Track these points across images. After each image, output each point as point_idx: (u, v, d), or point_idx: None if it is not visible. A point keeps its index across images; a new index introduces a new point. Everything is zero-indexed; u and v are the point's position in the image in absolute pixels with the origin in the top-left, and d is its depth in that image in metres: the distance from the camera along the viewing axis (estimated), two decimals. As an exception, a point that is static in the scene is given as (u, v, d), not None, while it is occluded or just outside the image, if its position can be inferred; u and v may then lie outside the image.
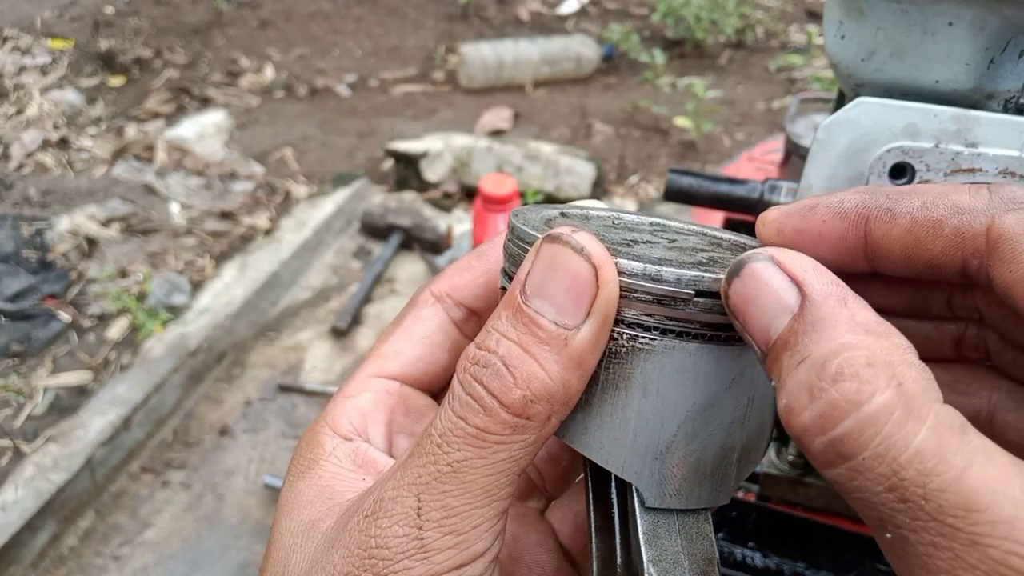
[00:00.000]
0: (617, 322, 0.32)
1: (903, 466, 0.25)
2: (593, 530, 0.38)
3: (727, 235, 0.41)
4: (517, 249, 0.36)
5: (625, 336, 0.32)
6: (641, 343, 0.32)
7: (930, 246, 0.32)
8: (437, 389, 0.43)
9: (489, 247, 0.43)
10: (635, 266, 0.32)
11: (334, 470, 0.38)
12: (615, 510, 0.37)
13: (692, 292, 0.31)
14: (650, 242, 0.38)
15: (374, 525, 0.32)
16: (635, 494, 0.35)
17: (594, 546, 0.38)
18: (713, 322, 0.32)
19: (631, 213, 0.44)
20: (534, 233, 0.34)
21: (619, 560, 0.37)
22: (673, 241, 0.39)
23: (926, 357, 0.28)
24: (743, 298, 0.30)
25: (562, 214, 0.41)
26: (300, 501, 0.37)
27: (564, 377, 0.31)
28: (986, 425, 0.37)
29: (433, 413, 0.42)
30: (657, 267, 0.32)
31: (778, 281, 0.29)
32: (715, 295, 0.32)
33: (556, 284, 0.31)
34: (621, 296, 0.32)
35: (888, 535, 0.26)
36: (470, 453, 0.31)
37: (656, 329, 0.32)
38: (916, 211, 0.32)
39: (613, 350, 0.33)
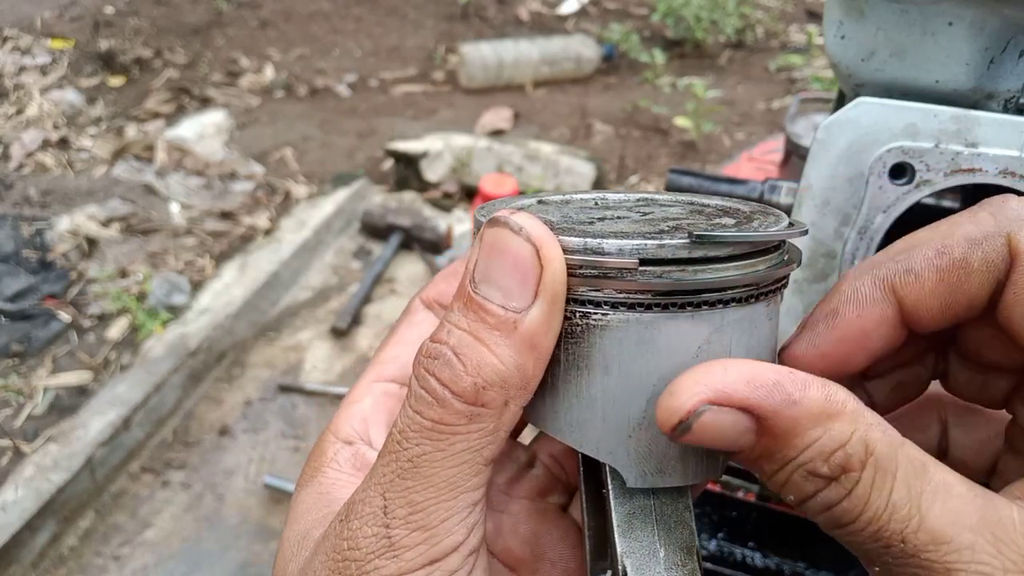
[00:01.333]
0: (569, 300, 0.31)
1: (884, 523, 0.28)
2: (584, 512, 0.38)
3: (715, 202, 0.39)
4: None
5: (578, 314, 0.31)
6: (594, 319, 0.31)
7: (966, 286, 0.32)
8: None
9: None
10: (575, 241, 0.31)
11: (334, 476, 0.38)
12: (607, 491, 0.36)
13: (636, 261, 0.30)
14: (620, 217, 0.36)
15: (346, 528, 0.32)
16: (610, 479, 0.34)
17: (586, 528, 0.37)
18: (667, 289, 0.31)
19: (624, 193, 0.42)
20: (483, 220, 0.33)
21: (609, 554, 0.36)
22: (648, 214, 0.37)
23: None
24: (702, 439, 0.29)
25: (539, 201, 0.40)
26: (302, 510, 0.37)
27: (517, 361, 0.31)
28: (940, 453, 0.39)
29: None
30: (598, 240, 0.30)
31: (728, 418, 0.29)
32: (663, 262, 0.30)
33: (500, 268, 0.31)
34: (569, 274, 0.31)
35: (876, 569, 0.30)
36: (428, 447, 0.31)
37: (607, 303, 0.31)
38: (936, 259, 0.33)
39: (568, 330, 0.32)
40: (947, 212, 0.72)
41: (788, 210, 0.75)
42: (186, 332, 3.12)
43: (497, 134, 4.68)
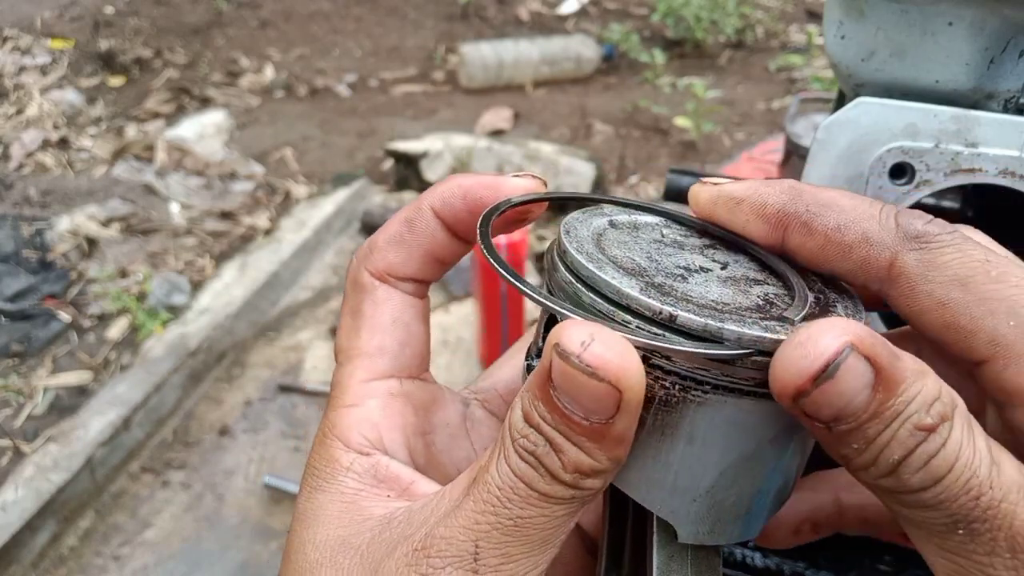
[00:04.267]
0: (670, 372, 0.31)
1: (976, 468, 0.29)
2: (606, 540, 0.38)
3: (774, 259, 0.39)
4: (562, 280, 0.34)
5: (678, 387, 0.31)
6: (693, 395, 0.31)
7: (839, 265, 0.35)
8: (428, 362, 0.43)
9: (415, 214, 0.41)
10: (696, 321, 0.30)
11: (355, 486, 0.37)
12: (629, 527, 0.37)
13: (753, 352, 0.30)
14: (703, 269, 0.36)
15: (426, 563, 0.32)
16: (656, 528, 0.35)
17: (603, 567, 0.38)
18: (766, 380, 0.31)
19: (669, 215, 0.42)
20: (571, 281, 0.33)
21: (625, 572, 0.37)
22: (726, 266, 0.37)
23: None
24: (831, 395, 0.29)
25: (611, 223, 0.39)
26: (324, 515, 0.36)
27: (610, 455, 0.31)
28: None
29: (441, 407, 0.42)
30: (719, 324, 0.30)
31: (861, 367, 0.29)
32: (772, 354, 0.30)
33: (577, 397, 0.30)
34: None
35: (960, 532, 0.30)
36: (534, 511, 0.31)
37: (710, 384, 0.31)
38: (830, 231, 0.35)
39: (664, 398, 0.32)
40: (947, 212, 0.72)
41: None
42: (186, 332, 3.12)
43: (497, 134, 4.68)
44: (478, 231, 0.36)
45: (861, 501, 0.42)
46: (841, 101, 0.61)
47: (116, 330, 3.19)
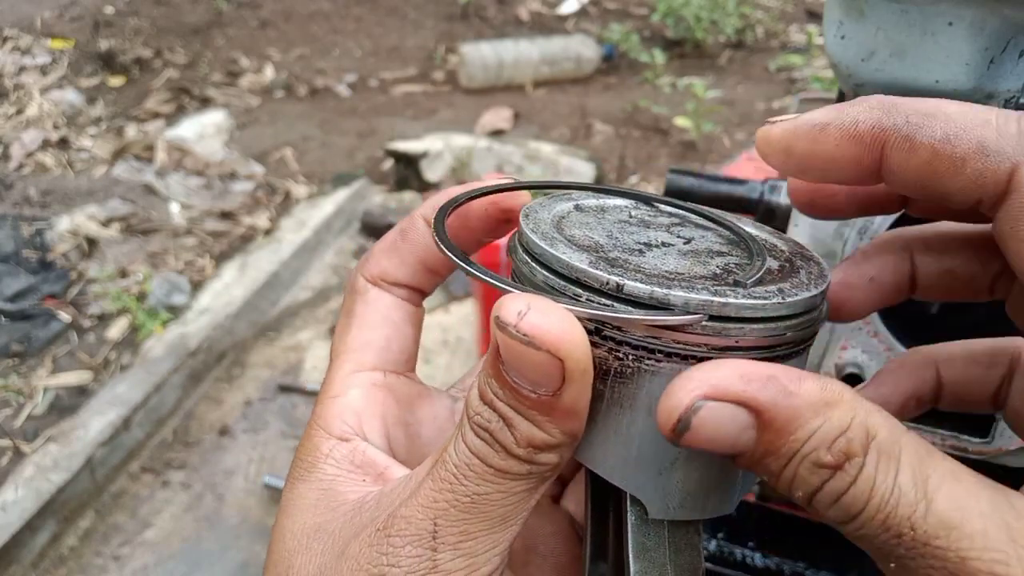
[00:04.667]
0: (622, 343, 0.31)
1: (892, 508, 0.27)
2: (589, 526, 0.38)
3: (749, 229, 0.39)
4: (518, 261, 0.34)
5: (631, 357, 0.31)
6: (647, 365, 0.31)
7: (949, 183, 0.31)
8: (414, 364, 0.44)
9: (408, 224, 0.42)
10: (642, 289, 0.30)
11: (333, 472, 0.38)
12: (611, 511, 0.37)
13: (701, 317, 0.30)
14: (665, 244, 0.36)
15: (387, 542, 0.32)
16: (630, 505, 0.35)
17: (589, 530, 0.38)
18: (724, 346, 0.31)
19: (646, 197, 0.42)
20: (526, 260, 0.33)
21: (610, 558, 0.37)
22: (688, 241, 0.37)
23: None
24: (701, 441, 0.29)
25: (577, 207, 0.39)
26: (303, 504, 0.37)
27: (563, 427, 0.31)
28: (911, 286, 0.39)
29: (425, 402, 0.43)
30: (665, 291, 0.30)
31: (727, 413, 0.28)
32: (726, 319, 0.30)
33: (521, 369, 0.30)
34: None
35: (892, 565, 0.29)
36: (490, 487, 0.31)
37: (662, 351, 0.31)
38: (938, 143, 0.31)
39: (619, 369, 0.32)
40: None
41: (788, 210, 0.75)
42: (186, 332, 3.12)
43: (497, 134, 4.68)
44: (433, 220, 0.36)
45: (956, 376, 0.41)
46: (841, 101, 0.61)
47: (116, 330, 3.19)
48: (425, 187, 4.18)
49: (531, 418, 0.31)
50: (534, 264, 0.33)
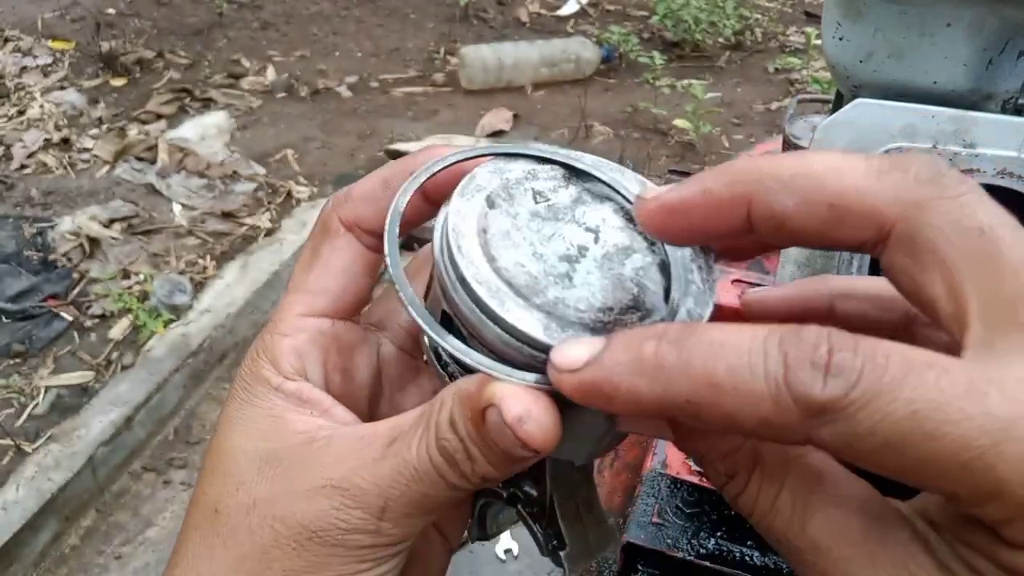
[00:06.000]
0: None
1: (771, 521, 0.32)
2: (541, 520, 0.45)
3: (621, 181, 0.41)
4: (461, 306, 0.36)
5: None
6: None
7: (828, 238, 0.32)
8: (360, 311, 0.47)
9: (392, 176, 0.43)
10: (528, 377, 0.34)
11: (283, 404, 0.40)
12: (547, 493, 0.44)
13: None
14: (581, 251, 0.38)
15: (340, 500, 0.36)
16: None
17: (540, 533, 0.45)
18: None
19: (532, 156, 0.41)
20: (473, 309, 0.35)
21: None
22: (597, 237, 0.38)
23: None
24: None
25: (488, 203, 0.39)
26: (256, 429, 0.40)
27: (515, 469, 0.36)
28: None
29: (362, 348, 0.46)
30: (543, 376, 0.33)
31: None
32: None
33: (504, 445, 0.34)
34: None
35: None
36: (440, 492, 0.36)
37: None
38: (799, 207, 0.30)
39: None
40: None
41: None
42: (188, 332, 3.12)
43: (497, 135, 4.69)
44: (387, 243, 0.39)
45: (852, 310, 0.39)
46: (839, 102, 0.62)
47: (118, 330, 3.20)
48: (426, 188, 4.18)
49: (493, 463, 0.35)
50: (484, 318, 0.35)
